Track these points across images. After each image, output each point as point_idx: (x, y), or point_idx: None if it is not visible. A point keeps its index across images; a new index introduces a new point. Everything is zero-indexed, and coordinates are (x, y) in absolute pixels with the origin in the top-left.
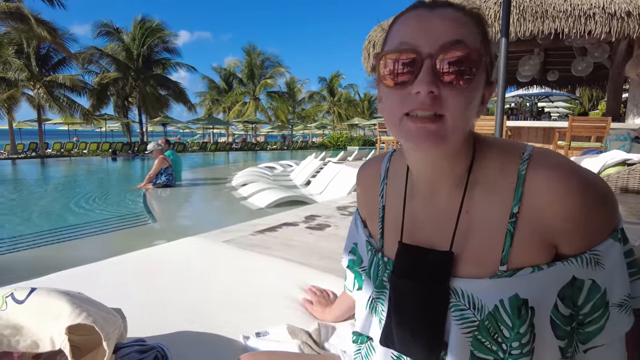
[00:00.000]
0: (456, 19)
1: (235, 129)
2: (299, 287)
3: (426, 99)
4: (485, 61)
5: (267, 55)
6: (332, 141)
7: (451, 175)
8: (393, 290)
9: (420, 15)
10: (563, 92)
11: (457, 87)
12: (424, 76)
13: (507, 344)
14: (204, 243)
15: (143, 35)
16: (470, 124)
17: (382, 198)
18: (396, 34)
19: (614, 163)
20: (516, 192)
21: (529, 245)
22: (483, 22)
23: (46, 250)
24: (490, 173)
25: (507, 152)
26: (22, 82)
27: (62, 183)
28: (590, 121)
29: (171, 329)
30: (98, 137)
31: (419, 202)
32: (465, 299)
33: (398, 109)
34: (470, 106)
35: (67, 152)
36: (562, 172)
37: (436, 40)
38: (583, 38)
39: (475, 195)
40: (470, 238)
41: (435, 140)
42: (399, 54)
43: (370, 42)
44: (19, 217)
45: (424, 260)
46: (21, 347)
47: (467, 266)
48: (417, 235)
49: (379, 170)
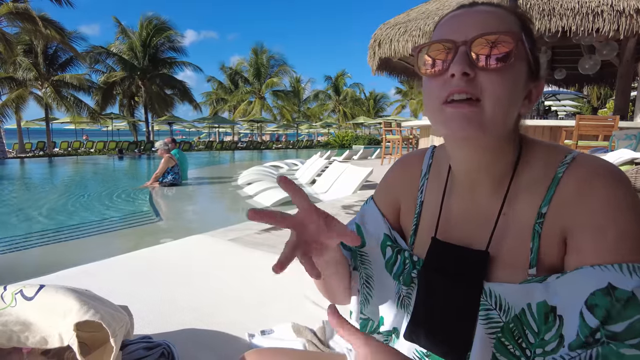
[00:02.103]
0: (494, 12)
1: (240, 128)
2: (304, 286)
3: (460, 81)
4: (525, 51)
5: (272, 53)
6: (338, 140)
7: (491, 172)
8: (423, 286)
9: (460, 14)
10: (570, 91)
11: (493, 70)
12: (458, 59)
13: (532, 349)
14: (210, 241)
15: (149, 34)
16: (512, 116)
17: (421, 194)
18: (437, 32)
19: (622, 162)
20: (548, 193)
21: (556, 246)
22: (525, 19)
23: (54, 248)
24: (533, 175)
25: (552, 153)
26: (30, 81)
27: (69, 182)
28: (598, 120)
29: (177, 326)
30: (104, 136)
31: (458, 199)
32: (493, 299)
33: (436, 97)
34: (509, 94)
35: (74, 151)
36: (597, 172)
37: (472, 29)
38: (591, 36)
39: (514, 197)
40: (504, 240)
41: (472, 127)
42: (437, 45)
43: (376, 41)
44: (27, 216)
45: (458, 258)
46: (30, 343)
47: (499, 268)
48: (452, 233)
49: (420, 165)
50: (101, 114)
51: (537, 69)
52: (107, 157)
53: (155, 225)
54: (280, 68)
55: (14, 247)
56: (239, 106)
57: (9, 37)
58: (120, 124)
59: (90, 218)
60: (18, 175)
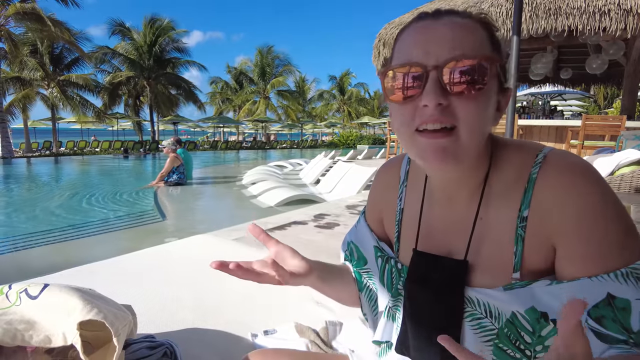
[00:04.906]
0: (463, 26)
1: (245, 128)
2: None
3: (434, 111)
4: (496, 67)
5: (277, 53)
6: (342, 140)
7: (468, 184)
8: (408, 298)
9: (426, 27)
10: (576, 90)
11: (467, 97)
12: (431, 88)
13: (531, 349)
14: (214, 241)
15: (154, 34)
16: (485, 135)
17: (400, 201)
18: (402, 48)
19: (629, 162)
20: (526, 196)
21: (540, 250)
22: (491, 27)
23: (59, 247)
24: (506, 177)
25: (524, 154)
26: (37, 81)
27: (75, 181)
28: (604, 120)
29: (180, 326)
30: (110, 136)
31: (437, 209)
32: (482, 308)
33: (408, 125)
34: (483, 116)
35: (80, 151)
36: (573, 173)
37: (442, 51)
38: (598, 35)
39: (490, 201)
40: (484, 245)
41: (447, 159)
42: (404, 69)
43: (381, 41)
44: (33, 214)
45: (438, 268)
46: (34, 342)
47: (481, 275)
48: (432, 243)
49: (398, 172)
50: (107, 114)
51: (505, 79)
52: (113, 156)
53: (159, 224)
54: (285, 68)
55: (19, 245)
56: (244, 106)
57: (14, 37)
58: (126, 124)
59: (95, 217)
60: (24, 174)
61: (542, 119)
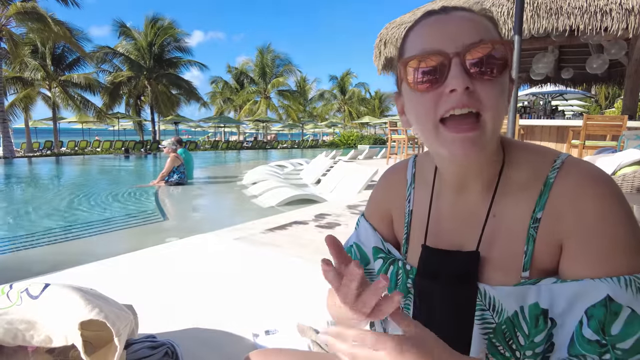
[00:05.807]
0: (473, 19)
1: (246, 128)
2: (309, 286)
3: (462, 96)
4: (510, 53)
5: (278, 53)
6: (343, 140)
7: (482, 176)
8: (419, 295)
9: (439, 20)
10: (578, 90)
11: (490, 81)
12: (457, 72)
13: (521, 351)
14: (215, 241)
15: (155, 34)
16: (502, 122)
17: (409, 203)
18: (416, 40)
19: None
20: (541, 198)
21: (549, 251)
22: (496, 23)
23: (59, 246)
24: (522, 178)
25: (540, 158)
26: (38, 81)
27: (76, 181)
28: (606, 119)
29: (181, 326)
30: (111, 136)
31: (447, 200)
32: (487, 300)
33: (432, 115)
34: (502, 100)
35: (81, 151)
36: (590, 179)
37: (461, 37)
38: (599, 35)
39: (503, 199)
40: (496, 242)
41: (475, 150)
42: (425, 57)
43: (382, 40)
44: (33, 214)
45: (450, 261)
46: (35, 341)
47: (492, 270)
48: (442, 237)
49: (404, 175)
50: (108, 114)
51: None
52: (114, 156)
53: (160, 224)
54: (285, 67)
55: (20, 245)
56: (245, 106)
57: (15, 37)
58: (127, 124)
59: (96, 217)
60: (26, 174)
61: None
